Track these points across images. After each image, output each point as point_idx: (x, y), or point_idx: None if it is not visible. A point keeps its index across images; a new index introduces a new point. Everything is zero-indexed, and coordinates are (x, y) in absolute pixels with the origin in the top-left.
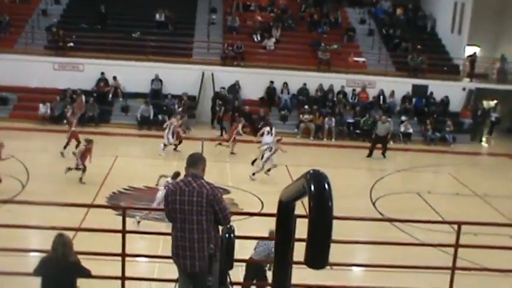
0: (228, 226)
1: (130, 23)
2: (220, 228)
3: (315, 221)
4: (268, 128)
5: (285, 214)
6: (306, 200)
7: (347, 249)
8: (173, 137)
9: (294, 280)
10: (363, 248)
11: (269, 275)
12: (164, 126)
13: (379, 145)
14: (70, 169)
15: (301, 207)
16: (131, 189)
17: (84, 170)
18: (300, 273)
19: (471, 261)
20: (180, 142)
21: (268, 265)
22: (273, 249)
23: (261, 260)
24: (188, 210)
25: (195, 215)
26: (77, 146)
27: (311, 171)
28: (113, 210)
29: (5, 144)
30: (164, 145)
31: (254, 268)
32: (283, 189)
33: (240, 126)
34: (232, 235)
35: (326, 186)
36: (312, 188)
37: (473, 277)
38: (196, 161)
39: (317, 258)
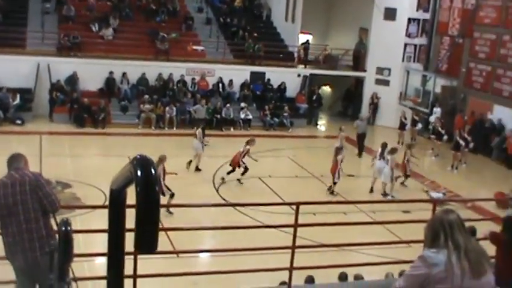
0: (64, 219)
1: None
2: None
3: (142, 206)
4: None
5: (116, 203)
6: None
7: (193, 236)
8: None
9: (140, 271)
10: (209, 234)
11: None
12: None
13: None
14: None
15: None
16: None
17: None
18: (151, 263)
19: (310, 239)
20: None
21: None
22: None
23: None
24: (13, 202)
25: (20, 205)
26: None
27: (137, 157)
28: None
29: None
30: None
31: None
32: (113, 177)
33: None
34: (68, 228)
35: (152, 171)
36: (139, 173)
37: (312, 254)
38: (16, 158)
39: (146, 242)
